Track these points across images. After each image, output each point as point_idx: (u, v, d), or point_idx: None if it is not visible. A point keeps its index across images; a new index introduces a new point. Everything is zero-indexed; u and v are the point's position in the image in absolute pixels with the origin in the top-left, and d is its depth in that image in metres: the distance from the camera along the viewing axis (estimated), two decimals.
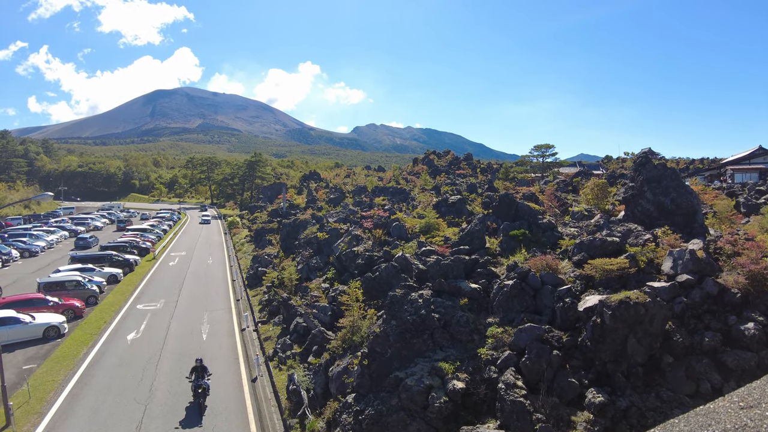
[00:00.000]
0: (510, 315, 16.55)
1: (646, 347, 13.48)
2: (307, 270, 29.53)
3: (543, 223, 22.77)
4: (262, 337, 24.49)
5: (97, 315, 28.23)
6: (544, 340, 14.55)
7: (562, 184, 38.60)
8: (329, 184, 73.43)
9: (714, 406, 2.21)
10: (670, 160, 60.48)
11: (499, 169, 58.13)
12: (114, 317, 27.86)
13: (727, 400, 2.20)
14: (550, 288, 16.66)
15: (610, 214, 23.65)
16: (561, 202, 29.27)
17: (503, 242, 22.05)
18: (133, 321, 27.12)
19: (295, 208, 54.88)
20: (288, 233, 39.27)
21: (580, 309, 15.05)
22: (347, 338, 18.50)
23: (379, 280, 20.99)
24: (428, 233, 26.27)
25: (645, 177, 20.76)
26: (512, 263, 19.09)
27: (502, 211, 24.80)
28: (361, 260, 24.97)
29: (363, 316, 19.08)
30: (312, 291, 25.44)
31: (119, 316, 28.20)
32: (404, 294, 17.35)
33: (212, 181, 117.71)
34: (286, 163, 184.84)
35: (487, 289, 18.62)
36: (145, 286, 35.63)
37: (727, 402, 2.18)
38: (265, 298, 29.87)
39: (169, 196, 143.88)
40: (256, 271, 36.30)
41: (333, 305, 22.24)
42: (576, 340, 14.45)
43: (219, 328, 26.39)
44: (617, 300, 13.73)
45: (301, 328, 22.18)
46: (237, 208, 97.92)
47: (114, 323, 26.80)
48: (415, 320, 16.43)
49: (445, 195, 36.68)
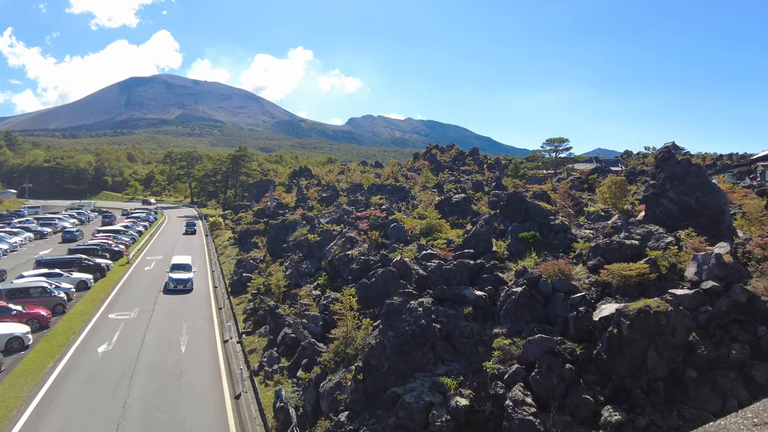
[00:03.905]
0: (518, 325, 16.61)
1: (667, 360, 13.54)
2: (296, 276, 29.68)
3: (555, 225, 22.88)
4: (246, 350, 24.54)
5: (65, 325, 28.22)
6: (556, 353, 14.60)
7: (577, 182, 38.70)
8: (321, 181, 73.22)
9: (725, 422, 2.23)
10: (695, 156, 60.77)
11: (507, 165, 58.29)
12: (83, 327, 27.85)
13: (740, 416, 2.21)
14: (563, 296, 16.74)
15: (629, 215, 23.72)
16: (575, 202, 29.37)
17: (512, 245, 22.15)
18: (105, 332, 27.10)
19: (283, 207, 54.87)
20: (276, 235, 39.47)
21: (596, 318, 15.13)
22: (340, 351, 18.56)
23: (376, 287, 21.09)
24: (429, 235, 26.42)
25: (667, 174, 20.85)
26: (521, 268, 19.18)
27: (511, 212, 24.95)
28: (355, 265, 25.08)
29: (357, 327, 19.15)
30: (302, 299, 25.56)
31: (89, 326, 28.19)
32: (403, 302, 17.42)
33: (192, 177, 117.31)
34: (274, 157, 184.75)
35: (493, 297, 18.75)
36: (118, 293, 35.64)
37: (740, 418, 2.20)
38: (250, 307, 30.00)
39: (145, 194, 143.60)
40: (241, 277, 36.43)
41: (325, 314, 22.31)
42: (591, 352, 14.54)
43: (199, 339, 26.42)
44: (636, 309, 13.77)
45: (290, 340, 22.28)
46: (219, 208, 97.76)
47: (83, 334, 26.79)
48: (415, 331, 16.48)
49: (448, 193, 36.82)
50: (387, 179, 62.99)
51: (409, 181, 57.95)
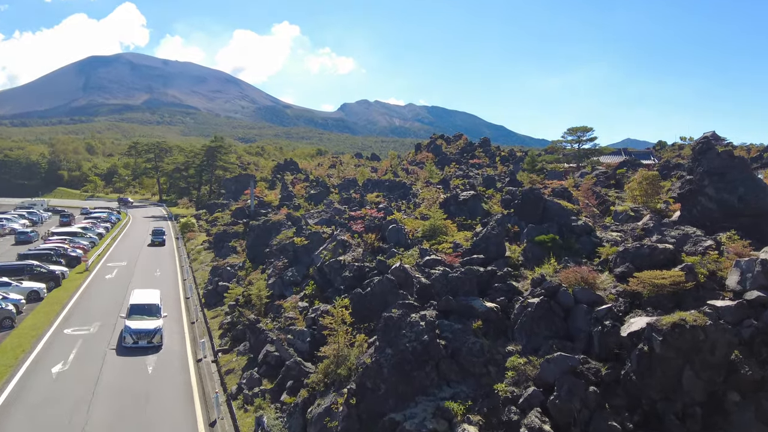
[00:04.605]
0: (535, 341, 16.68)
1: (705, 382, 13.63)
2: (280, 285, 29.70)
3: (578, 226, 23.10)
4: (223, 370, 24.54)
5: (14, 341, 28.19)
6: (578, 374, 14.67)
7: (603, 177, 39.07)
8: (309, 176, 73.85)
9: None
10: (738, 147, 60.94)
11: (523, 157, 58.55)
12: (35, 345, 27.81)
13: None
14: (586, 308, 16.89)
15: (662, 215, 24.00)
16: (601, 200, 29.61)
17: (527, 250, 22.35)
18: (60, 349, 27.00)
19: (265, 206, 55.13)
20: (256, 238, 39.43)
21: (624, 334, 15.23)
22: (330, 371, 18.55)
23: (372, 298, 21.09)
24: (433, 239, 26.53)
25: (706, 168, 20.97)
26: (538, 276, 19.40)
27: (527, 211, 25.13)
28: (348, 272, 25.17)
29: (351, 343, 19.17)
30: (286, 311, 25.63)
31: (42, 342, 28.15)
32: (403, 315, 17.45)
33: (161, 172, 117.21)
34: (255, 149, 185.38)
35: (506, 309, 18.88)
36: (75, 305, 35.62)
37: None
38: (228, 321, 30.08)
39: (106, 191, 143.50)
40: (216, 287, 36.54)
41: (313, 329, 22.36)
42: (618, 373, 14.59)
43: (169, 358, 26.36)
44: (670, 323, 13.92)
45: (273, 359, 22.20)
46: (192, 207, 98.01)
47: (35, 352, 26.75)
48: (416, 348, 16.52)
49: (455, 190, 37.26)
50: (385, 174, 63.49)
51: (410, 176, 58.38)
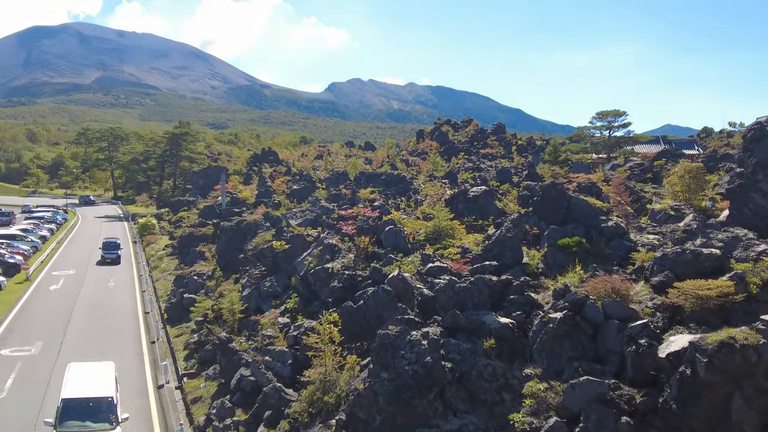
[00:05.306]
0: (558, 364, 16.72)
1: (758, 412, 13.68)
2: (257, 297, 29.74)
3: (608, 228, 23.22)
4: (189, 398, 24.49)
5: None
6: (609, 402, 14.70)
7: (638, 170, 39.27)
8: (292, 168, 73.76)
9: None
10: None
11: (544, 147, 58.56)
12: None
13: None
14: (618, 324, 16.88)
15: (708, 215, 24.01)
16: (635, 197, 29.62)
17: (549, 256, 22.36)
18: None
19: (239, 204, 55.01)
20: (229, 242, 39.51)
21: (662, 355, 15.29)
22: (316, 399, 18.59)
23: (365, 313, 21.11)
24: (438, 242, 26.50)
25: (759, 159, 20.96)
26: (561, 287, 19.42)
27: (548, 210, 25.28)
28: (337, 282, 25.11)
29: (340, 366, 19.28)
30: (264, 329, 25.65)
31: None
32: (401, 333, 17.45)
33: (116, 163, 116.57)
34: (227, 136, 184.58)
35: (523, 326, 18.89)
36: (13, 320, 35.57)
37: None
38: (194, 340, 30.07)
39: (51, 186, 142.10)
40: (181, 299, 36.57)
41: (295, 350, 22.44)
42: (655, 400, 14.63)
43: (125, 383, 26.05)
44: (716, 342, 13.90)
45: (248, 384, 22.14)
46: (153, 205, 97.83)
47: None
48: (417, 372, 16.49)
49: (463, 185, 37.09)
50: (381, 166, 63.38)
51: (411, 168, 58.16)
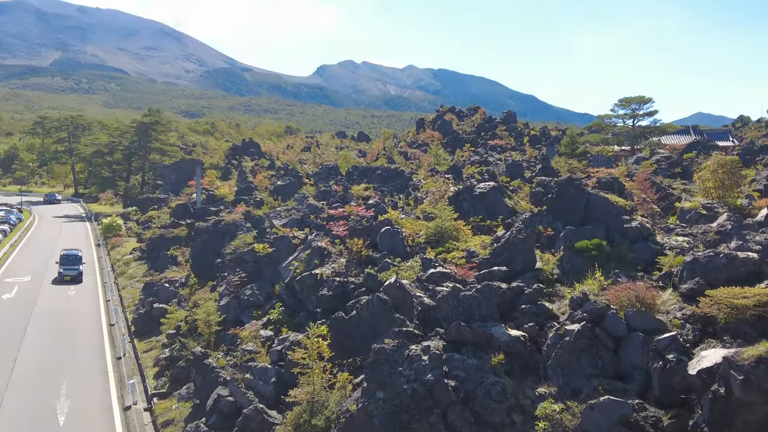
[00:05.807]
0: (575, 382, 16.82)
1: None
2: (236, 307, 29.80)
3: (631, 229, 23.32)
4: (159, 421, 24.29)
5: None
6: (632, 424, 14.83)
7: (665, 164, 40.24)
8: (276, 161, 73.85)
9: None
10: None
11: (560, 138, 58.66)
12: None
13: None
14: (643, 337, 16.99)
15: (744, 214, 23.90)
16: (662, 194, 29.39)
17: (565, 260, 22.44)
18: None
19: (217, 202, 54.65)
20: (204, 245, 39.57)
21: (693, 372, 15.31)
22: (303, 422, 18.56)
23: (358, 324, 21.21)
24: (440, 245, 26.55)
25: None
26: (579, 295, 19.30)
27: (564, 209, 25.53)
28: (327, 291, 25.09)
29: (330, 385, 19.44)
30: (244, 343, 25.72)
31: None
32: (399, 347, 17.69)
33: (77, 156, 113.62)
34: (203, 126, 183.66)
35: (536, 339, 19.05)
36: None
37: None
38: (166, 355, 29.90)
39: (3, 181, 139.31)
40: (150, 310, 36.39)
41: (279, 366, 22.51)
42: (685, 422, 14.77)
43: (87, 404, 26.12)
44: (754, 357, 13.97)
45: (226, 406, 21.97)
46: (119, 203, 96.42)
47: None
48: (417, 391, 16.66)
49: (469, 181, 36.83)
50: (376, 159, 64.12)
51: (410, 162, 58.49)
